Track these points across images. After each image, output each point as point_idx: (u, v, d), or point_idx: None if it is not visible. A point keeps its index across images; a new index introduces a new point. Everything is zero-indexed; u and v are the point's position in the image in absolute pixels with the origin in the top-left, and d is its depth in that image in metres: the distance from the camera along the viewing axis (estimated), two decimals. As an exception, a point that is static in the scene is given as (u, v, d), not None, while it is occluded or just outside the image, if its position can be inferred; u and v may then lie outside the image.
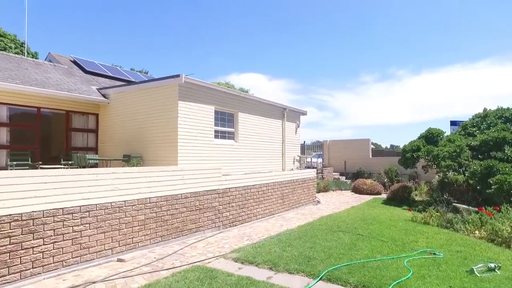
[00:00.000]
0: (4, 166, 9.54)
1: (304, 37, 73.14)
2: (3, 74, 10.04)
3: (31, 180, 4.39)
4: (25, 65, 11.92)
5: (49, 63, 13.89)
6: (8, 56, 12.22)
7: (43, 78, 11.35)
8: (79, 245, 4.85)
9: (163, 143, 9.95)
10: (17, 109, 10.24)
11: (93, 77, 14.20)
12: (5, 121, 9.81)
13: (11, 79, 9.86)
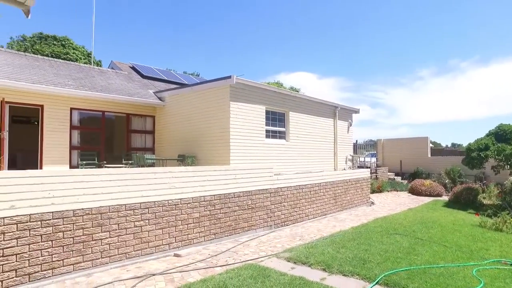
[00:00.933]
0: (76, 165, 10.49)
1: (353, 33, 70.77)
2: (75, 82, 11.06)
3: (98, 178, 4.77)
4: (92, 73, 13.00)
5: (111, 70, 15.00)
6: (79, 66, 13.43)
7: (106, 84, 12.29)
8: (140, 239, 5.16)
9: (216, 143, 10.24)
10: (85, 113, 11.20)
11: (149, 81, 15.06)
12: (76, 125, 10.79)
13: (82, 87, 10.82)
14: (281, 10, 70.75)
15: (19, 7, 3.41)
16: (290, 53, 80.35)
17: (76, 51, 31.51)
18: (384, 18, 68.78)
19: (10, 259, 3.98)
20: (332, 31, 75.82)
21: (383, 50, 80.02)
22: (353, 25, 71.23)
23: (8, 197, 3.97)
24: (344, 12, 67.85)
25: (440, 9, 60.83)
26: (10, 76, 9.45)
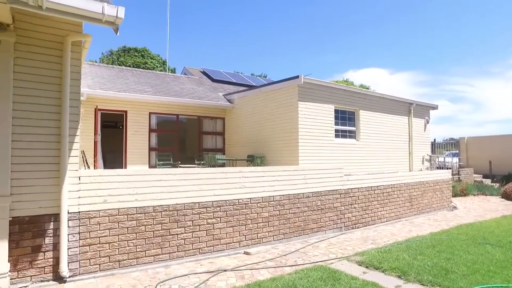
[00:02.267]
0: (154, 164, 11.41)
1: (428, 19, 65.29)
2: (153, 89, 12.05)
3: (175, 178, 5.13)
4: (167, 80, 14.02)
5: (184, 76, 16.01)
6: (156, 74, 14.61)
7: (180, 89, 13.14)
8: (212, 236, 5.40)
9: (284, 143, 10.27)
10: (162, 117, 12.12)
11: (219, 84, 15.71)
12: (154, 128, 11.74)
13: (158, 93, 11.75)
14: (344, 2, 68.45)
15: (109, 26, 3.83)
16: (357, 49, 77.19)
17: (153, 60, 34.31)
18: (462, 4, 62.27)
19: (104, 247, 4.49)
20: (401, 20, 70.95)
21: (467, 37, 72.33)
22: (427, 9, 65.73)
23: (102, 192, 4.50)
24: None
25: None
26: (101, 86, 10.67)
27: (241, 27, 75.14)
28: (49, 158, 4.18)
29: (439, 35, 71.49)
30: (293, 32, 77.49)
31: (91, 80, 10.93)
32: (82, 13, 3.66)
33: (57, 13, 3.59)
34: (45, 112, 4.18)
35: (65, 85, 4.25)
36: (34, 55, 4.16)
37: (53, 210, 4.18)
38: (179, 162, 11.38)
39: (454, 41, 71.75)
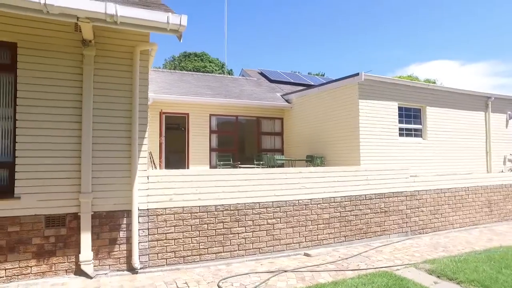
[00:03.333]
0: (215, 165, 11.82)
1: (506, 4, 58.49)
2: (213, 91, 12.51)
3: (236, 178, 5.26)
4: (226, 82, 14.44)
5: (242, 78, 16.34)
6: (215, 77, 15.15)
7: (238, 91, 13.44)
8: (271, 236, 5.42)
9: (344, 143, 9.96)
10: (221, 118, 12.51)
11: (276, 85, 15.75)
12: (214, 129, 12.17)
13: (218, 95, 12.15)
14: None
15: (174, 34, 4.07)
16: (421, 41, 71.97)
17: (212, 63, 35.64)
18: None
19: (170, 243, 4.76)
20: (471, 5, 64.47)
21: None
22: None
23: (168, 191, 4.78)
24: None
25: None
26: (165, 91, 11.35)
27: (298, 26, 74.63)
28: (121, 159, 4.56)
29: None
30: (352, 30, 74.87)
31: (156, 85, 11.68)
32: (150, 24, 3.93)
33: (128, 26, 3.91)
34: (118, 116, 4.57)
35: (135, 91, 4.59)
36: (109, 65, 4.57)
37: (126, 207, 4.55)
38: (239, 162, 11.64)
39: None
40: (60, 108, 4.34)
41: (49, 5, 3.44)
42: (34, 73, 4.27)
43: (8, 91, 4.30)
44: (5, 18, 4.15)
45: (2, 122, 4.28)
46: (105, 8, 3.65)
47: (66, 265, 4.32)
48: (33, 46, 4.29)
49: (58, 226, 4.29)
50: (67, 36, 4.42)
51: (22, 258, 4.14)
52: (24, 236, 4.16)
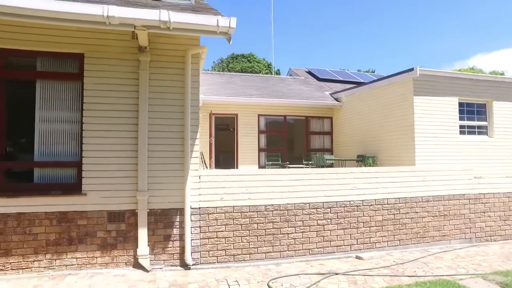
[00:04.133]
0: (263, 165, 11.90)
1: None
2: (261, 92, 12.61)
3: (285, 178, 5.25)
4: (274, 82, 14.47)
5: (290, 77, 16.27)
6: (263, 77, 15.26)
7: (286, 90, 13.39)
8: (322, 237, 5.32)
9: (398, 142, 9.47)
10: (269, 118, 12.55)
11: (325, 83, 15.45)
12: (263, 129, 12.26)
13: (266, 95, 12.23)
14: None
15: (223, 36, 4.17)
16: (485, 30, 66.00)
17: (259, 64, 35.91)
18: None
19: (221, 241, 4.88)
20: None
21: None
22: None
23: (219, 190, 4.91)
24: None
25: None
26: (214, 92, 11.67)
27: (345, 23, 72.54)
28: (174, 159, 4.76)
29: None
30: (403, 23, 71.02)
31: (206, 87, 12.05)
32: (200, 27, 4.06)
33: (180, 31, 4.08)
34: (171, 118, 4.79)
35: (187, 93, 4.78)
36: (162, 70, 4.80)
37: (179, 205, 4.75)
38: (287, 162, 11.60)
39: None
40: (119, 111, 4.66)
41: (110, 17, 3.72)
42: (97, 79, 4.63)
43: (76, 97, 4.72)
44: (74, 32, 4.56)
45: (71, 125, 4.71)
46: (159, 15, 3.84)
47: (125, 258, 4.62)
48: (96, 55, 4.65)
49: (119, 222, 4.61)
50: (125, 44, 4.73)
51: (89, 249, 4.52)
52: (90, 230, 4.53)
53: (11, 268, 4.34)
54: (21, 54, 4.61)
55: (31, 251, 4.39)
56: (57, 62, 4.73)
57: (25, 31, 4.50)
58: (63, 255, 4.46)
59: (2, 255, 4.32)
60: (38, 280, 4.20)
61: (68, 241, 4.48)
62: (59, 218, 4.47)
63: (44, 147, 4.65)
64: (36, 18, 3.73)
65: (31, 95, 4.63)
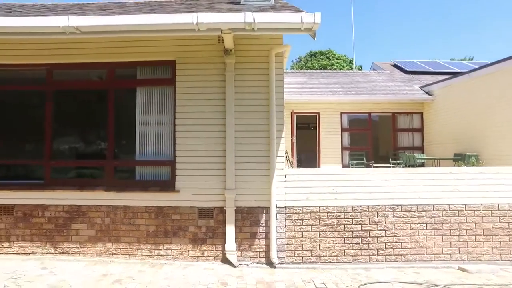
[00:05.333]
0: (347, 164, 11.45)
1: None
2: (343, 88, 12.17)
3: (374, 177, 4.94)
4: (357, 78, 13.82)
5: (373, 72, 15.36)
6: (345, 73, 14.71)
7: (371, 86, 12.67)
8: (416, 243, 4.86)
9: (507, 138, 8.19)
10: (353, 116, 12.03)
11: (413, 76, 14.21)
12: (346, 127, 11.80)
13: (349, 92, 11.74)
14: None
15: (308, 33, 4.09)
16: None
17: (339, 60, 34.74)
18: None
19: (306, 241, 4.80)
20: None
21: None
22: None
23: (304, 190, 4.84)
24: None
25: None
26: (296, 91, 11.63)
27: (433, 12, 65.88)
28: (260, 158, 4.83)
29: None
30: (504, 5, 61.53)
31: (287, 87, 12.04)
32: (284, 26, 4.05)
33: (264, 31, 4.13)
34: (256, 118, 4.87)
35: (271, 92, 4.80)
36: (247, 71, 4.92)
37: (264, 204, 4.80)
38: (373, 161, 10.97)
39: None
40: (207, 112, 4.91)
41: (199, 24, 3.96)
42: (187, 83, 4.96)
43: (169, 101, 5.12)
44: (166, 41, 4.98)
45: (165, 127, 5.12)
46: (244, 17, 3.93)
47: (214, 253, 4.84)
48: (186, 61, 4.99)
49: (208, 218, 4.86)
50: (211, 49, 4.97)
51: (182, 242, 4.86)
52: (182, 224, 4.87)
53: (120, 253, 4.91)
54: (125, 65, 5.18)
55: (135, 240, 4.91)
56: (153, 70, 5.20)
57: (126, 45, 5.06)
58: (160, 245, 4.88)
59: (114, 241, 4.93)
60: (141, 266, 4.66)
61: (164, 234, 4.88)
62: (157, 212, 4.90)
63: (143, 147, 5.15)
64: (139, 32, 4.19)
65: (133, 101, 5.16)
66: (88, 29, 4.17)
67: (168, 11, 4.83)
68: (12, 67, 5.34)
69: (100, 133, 5.34)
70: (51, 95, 5.28)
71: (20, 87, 5.49)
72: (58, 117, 5.32)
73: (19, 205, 5.11)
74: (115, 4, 6.62)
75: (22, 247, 5.08)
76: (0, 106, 5.45)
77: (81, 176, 5.36)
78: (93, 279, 4.21)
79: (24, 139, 5.54)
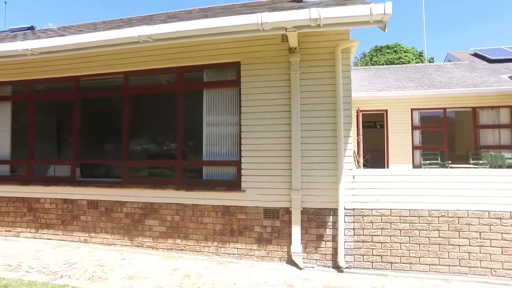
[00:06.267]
0: (418, 164, 10.62)
1: None
2: (414, 83, 11.31)
3: (453, 179, 4.45)
4: (429, 71, 12.75)
5: (449, 63, 14.03)
6: (415, 67, 13.66)
7: (445, 79, 11.58)
8: (509, 256, 4.28)
9: None
10: (425, 112, 11.10)
11: (499, 65, 12.67)
12: (417, 125, 10.94)
13: (420, 86, 10.87)
14: None
15: (377, 25, 3.82)
16: None
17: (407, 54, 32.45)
18: None
19: (376, 246, 4.52)
20: None
21: None
22: None
23: (374, 192, 4.55)
24: None
25: None
26: (361, 88, 11.11)
27: (524, -13, 58.08)
28: (327, 158, 4.67)
29: None
30: None
31: (352, 84, 11.59)
32: (351, 19, 3.84)
33: (330, 26, 3.96)
34: (323, 116, 4.71)
35: (338, 90, 4.61)
36: (312, 68, 4.78)
37: (331, 205, 4.63)
38: (449, 161, 10.01)
39: None
40: (272, 112, 4.88)
41: (264, 23, 3.95)
42: (252, 84, 4.99)
43: (235, 102, 5.20)
44: (230, 43, 5.08)
45: (231, 127, 5.22)
46: (309, 14, 3.82)
47: (279, 254, 4.80)
48: (250, 61, 5.02)
49: (273, 218, 4.83)
50: (275, 48, 4.93)
51: (247, 241, 4.90)
52: (248, 224, 4.91)
53: (189, 250, 5.13)
54: (192, 69, 5.40)
55: (202, 238, 5.08)
56: (218, 72, 5.33)
57: (193, 49, 5.28)
58: (226, 244, 4.98)
59: (183, 238, 5.16)
60: (208, 263, 4.81)
61: (230, 232, 4.97)
62: (223, 211, 5.01)
63: (210, 148, 5.31)
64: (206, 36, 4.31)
65: (200, 103, 5.35)
66: (159, 37, 4.42)
67: (232, 14, 4.91)
68: (94, 76, 5.93)
69: (170, 135, 5.64)
70: (127, 100, 5.73)
71: (101, 94, 6.06)
72: (133, 120, 5.75)
73: (102, 200, 5.64)
74: (182, 12, 6.98)
75: (105, 239, 5.58)
76: (86, 112, 6.07)
77: (152, 175, 5.72)
78: (165, 272, 4.45)
79: (104, 141, 6.11)
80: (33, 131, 6.39)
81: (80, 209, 5.78)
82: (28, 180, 6.24)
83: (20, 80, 6.39)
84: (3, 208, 6.28)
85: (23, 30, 8.02)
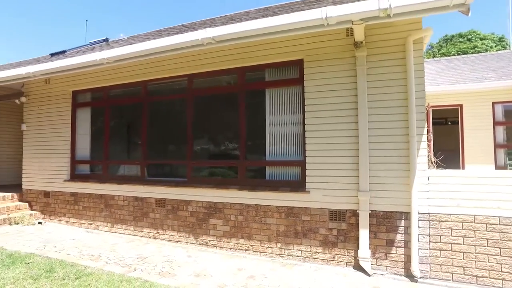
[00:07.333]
0: (503, 165, 9.46)
1: None
2: (496, 73, 10.11)
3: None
4: (513, 59, 11.31)
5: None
6: (497, 55, 12.22)
7: (535, 67, 10.17)
8: None
9: None
10: (509, 106, 9.84)
11: None
12: (500, 120, 9.75)
13: (505, 77, 9.67)
14: None
15: (458, 9, 3.42)
16: None
17: (485, 41, 29.30)
18: None
19: (457, 255, 4.07)
20: None
21: None
22: None
23: (453, 195, 4.11)
24: None
25: None
26: (430, 82, 10.23)
27: None
28: (397, 158, 4.33)
29: None
30: None
31: (421, 78, 10.73)
32: (427, 6, 3.50)
33: (402, 15, 3.66)
34: (393, 114, 4.38)
35: (410, 84, 4.25)
36: (380, 63, 4.47)
37: (403, 209, 4.28)
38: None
39: None
40: (337, 110, 4.67)
41: (329, 18, 3.78)
42: (316, 81, 4.83)
43: (298, 100, 5.08)
44: (292, 41, 4.98)
45: (294, 127, 5.11)
46: (378, 4, 3.57)
47: (346, 258, 4.57)
48: (313, 58, 4.87)
49: (339, 221, 4.62)
50: (340, 43, 4.71)
51: (312, 244, 4.76)
52: (313, 226, 4.76)
53: (252, 250, 5.13)
54: (253, 69, 5.40)
55: (266, 238, 5.05)
56: (280, 71, 5.26)
57: (254, 49, 5.28)
58: (290, 246, 4.89)
59: (246, 238, 5.19)
60: (272, 264, 4.76)
61: (294, 234, 4.87)
62: (287, 212, 4.93)
63: (273, 147, 5.26)
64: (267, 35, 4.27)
65: (262, 103, 5.33)
66: (222, 38, 4.49)
67: (290, 11, 4.80)
68: (161, 80, 6.25)
69: (232, 135, 5.71)
70: (191, 102, 5.93)
71: (168, 97, 6.36)
72: (196, 120, 5.93)
73: (168, 199, 5.91)
74: (239, 14, 7.04)
75: (172, 236, 5.84)
76: (153, 114, 6.42)
77: (213, 175, 5.84)
78: (230, 272, 4.49)
79: (169, 142, 6.40)
80: (108, 134, 6.94)
81: (149, 207, 6.12)
82: (105, 179, 6.79)
83: (97, 87, 6.99)
84: (85, 204, 6.92)
85: (99, 42, 8.77)
